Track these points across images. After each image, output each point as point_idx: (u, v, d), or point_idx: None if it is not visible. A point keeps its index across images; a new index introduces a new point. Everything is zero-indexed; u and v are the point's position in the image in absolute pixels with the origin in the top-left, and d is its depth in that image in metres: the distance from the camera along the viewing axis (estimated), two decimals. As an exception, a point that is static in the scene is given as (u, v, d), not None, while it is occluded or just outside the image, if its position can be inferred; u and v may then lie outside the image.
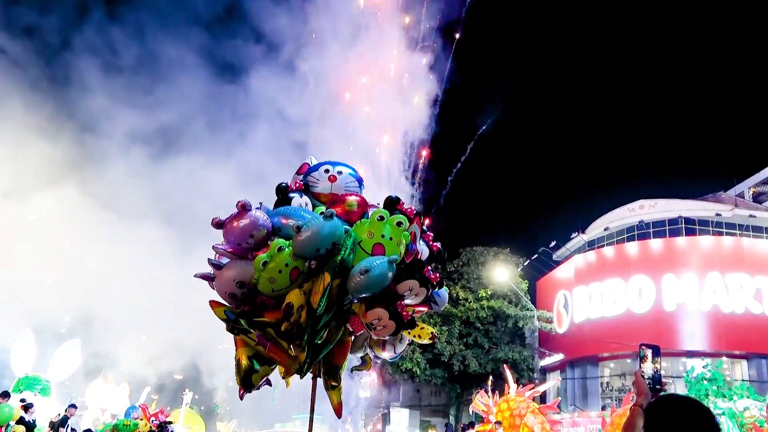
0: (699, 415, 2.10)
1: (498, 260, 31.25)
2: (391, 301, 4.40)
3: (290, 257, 4.26)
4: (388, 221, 4.46)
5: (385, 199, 4.73)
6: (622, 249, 30.23)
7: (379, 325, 4.35)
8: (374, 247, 4.39)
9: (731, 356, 27.03)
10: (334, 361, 4.83)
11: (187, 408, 21.52)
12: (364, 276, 4.19)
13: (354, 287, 4.29)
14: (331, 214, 4.33)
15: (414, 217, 4.68)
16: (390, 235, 4.42)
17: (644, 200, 31.41)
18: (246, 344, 4.66)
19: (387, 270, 4.23)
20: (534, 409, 13.33)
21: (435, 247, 5.16)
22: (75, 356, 16.17)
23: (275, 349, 4.52)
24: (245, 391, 4.80)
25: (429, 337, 5.21)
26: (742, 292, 26.71)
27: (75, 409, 14.52)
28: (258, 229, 4.41)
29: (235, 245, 4.49)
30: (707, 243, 28.29)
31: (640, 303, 27.82)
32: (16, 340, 15.23)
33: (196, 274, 4.70)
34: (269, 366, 4.72)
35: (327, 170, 4.96)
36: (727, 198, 32.40)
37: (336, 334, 4.60)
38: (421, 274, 4.58)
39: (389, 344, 5.23)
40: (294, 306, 4.23)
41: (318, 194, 4.90)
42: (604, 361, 30.35)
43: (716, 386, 16.48)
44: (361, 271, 4.22)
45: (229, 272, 4.45)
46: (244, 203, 4.41)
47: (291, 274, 4.27)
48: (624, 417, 12.31)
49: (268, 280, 4.26)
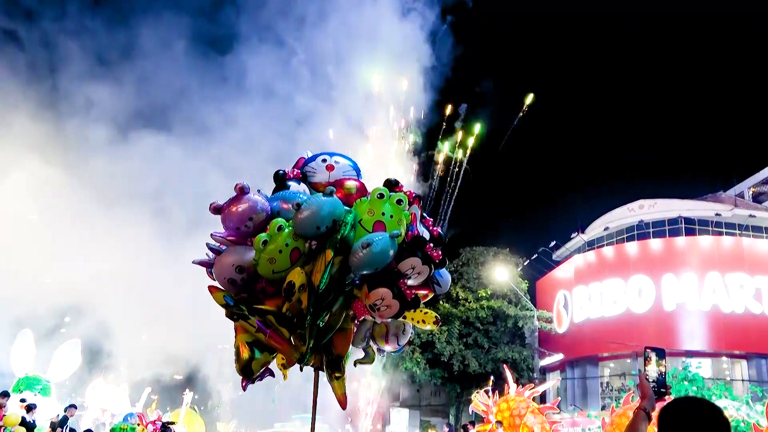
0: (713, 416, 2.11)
1: (498, 260, 31.27)
2: (393, 280, 4.33)
3: (290, 237, 4.22)
4: (388, 199, 4.43)
5: (384, 181, 4.70)
6: (621, 249, 30.26)
7: (383, 305, 4.29)
8: (375, 224, 4.35)
9: (731, 356, 27.07)
10: (336, 350, 4.75)
11: (187, 408, 21.52)
12: (365, 251, 4.15)
13: (356, 263, 4.24)
14: (331, 192, 4.31)
15: (413, 199, 4.65)
16: (390, 213, 4.39)
17: (644, 200, 31.44)
18: (246, 331, 4.58)
19: (389, 245, 4.19)
20: (534, 409, 13.34)
21: (435, 231, 5.10)
22: (75, 356, 16.16)
23: (276, 336, 4.46)
24: (245, 381, 4.71)
25: (433, 322, 5.07)
26: (741, 292, 26.73)
27: (75, 409, 14.51)
28: (257, 213, 4.37)
29: (234, 230, 4.45)
30: (707, 243, 28.31)
31: (640, 303, 27.85)
32: (16, 340, 15.22)
33: (195, 260, 4.66)
34: (269, 353, 4.64)
35: (324, 160, 4.93)
36: (726, 198, 32.43)
37: (339, 318, 4.54)
38: (422, 251, 4.50)
39: (392, 335, 5.15)
40: (296, 285, 4.18)
41: (316, 184, 4.86)
42: (604, 361, 30.38)
43: (696, 387, 16.64)
44: (362, 245, 4.18)
45: (228, 258, 4.41)
46: (242, 186, 4.37)
47: (291, 255, 4.23)
48: (624, 417, 12.33)
49: (268, 261, 4.22)
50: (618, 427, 12.37)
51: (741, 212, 29.56)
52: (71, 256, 18.08)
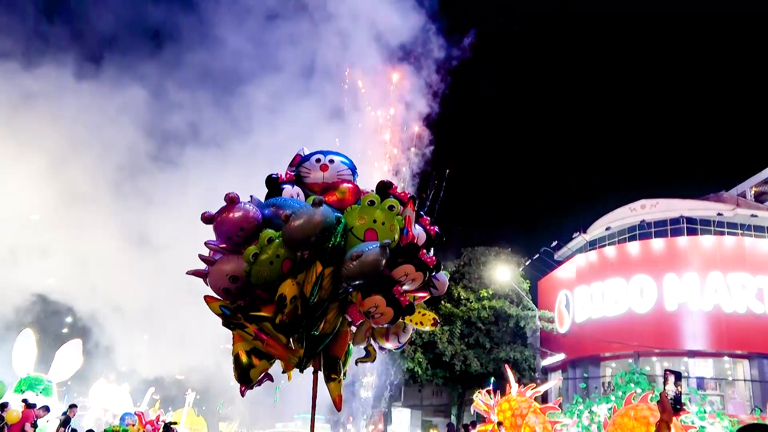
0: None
1: (499, 260, 31.26)
2: (387, 287, 4.29)
3: (281, 248, 4.19)
4: (379, 206, 4.39)
5: (377, 184, 4.65)
6: (623, 249, 30.19)
7: (377, 312, 4.26)
8: (366, 232, 4.32)
9: (733, 356, 27.00)
10: (333, 352, 4.73)
11: (189, 408, 21.55)
12: (356, 262, 4.12)
13: (347, 274, 4.21)
14: (320, 201, 4.25)
15: (408, 200, 4.60)
16: (382, 220, 4.35)
17: (646, 200, 31.36)
18: (243, 339, 4.57)
19: (379, 255, 4.14)
20: (535, 409, 13.33)
21: (432, 230, 5.06)
22: (77, 356, 16.17)
23: (273, 343, 4.45)
24: (244, 387, 4.71)
25: (431, 323, 5.06)
26: (743, 292, 26.65)
27: (76, 409, 14.52)
28: (248, 222, 4.34)
29: (225, 239, 4.43)
30: (709, 243, 28.24)
31: (642, 303, 27.79)
32: (17, 340, 15.23)
33: (189, 271, 4.64)
34: (268, 361, 4.63)
35: (318, 159, 4.87)
36: (728, 197, 32.34)
37: (334, 325, 4.52)
38: (417, 258, 4.46)
39: (392, 334, 5.12)
40: (287, 297, 4.17)
41: (311, 184, 4.82)
42: (606, 360, 30.31)
43: (640, 389, 16.85)
44: (352, 257, 4.15)
45: (222, 267, 4.40)
46: (232, 196, 4.34)
47: (283, 265, 4.21)
48: (626, 417, 12.31)
49: (259, 272, 4.19)
50: (619, 427, 12.35)
51: (743, 212, 29.47)
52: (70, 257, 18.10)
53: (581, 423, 17.51)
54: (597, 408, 17.62)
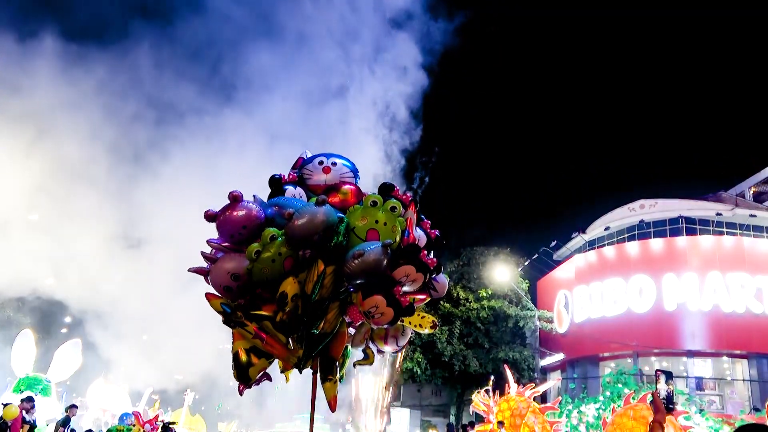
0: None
1: (498, 260, 31.26)
2: (387, 287, 4.32)
3: (284, 246, 4.21)
4: (382, 207, 4.42)
5: (379, 186, 4.68)
6: (622, 249, 30.23)
7: (377, 312, 4.28)
8: (368, 232, 4.35)
9: (732, 356, 27.04)
10: (330, 353, 4.74)
11: (189, 408, 21.53)
12: (357, 261, 4.14)
13: (349, 272, 4.23)
14: (323, 200, 4.29)
15: (409, 203, 4.63)
16: (384, 221, 4.38)
17: (644, 200, 31.41)
18: (243, 337, 4.59)
19: (381, 254, 4.17)
20: (535, 409, 13.31)
21: (433, 234, 5.09)
22: (76, 356, 16.18)
23: (273, 342, 4.47)
24: (242, 386, 4.71)
25: (430, 326, 5.08)
26: (742, 292, 26.70)
27: (76, 409, 14.52)
28: (251, 220, 4.37)
29: (228, 237, 4.45)
30: (708, 243, 28.28)
31: (641, 303, 27.83)
32: (16, 340, 15.23)
33: (190, 268, 4.64)
34: (267, 359, 4.64)
35: (321, 162, 4.90)
36: (727, 197, 32.41)
37: (334, 325, 4.54)
38: (417, 258, 4.49)
39: (391, 337, 5.14)
40: (288, 295, 4.18)
41: (313, 186, 4.85)
42: (605, 360, 30.35)
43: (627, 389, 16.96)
44: (354, 255, 4.18)
45: (224, 265, 4.41)
46: (236, 194, 4.36)
47: (285, 264, 4.23)
48: (625, 417, 12.31)
49: (261, 270, 4.21)
50: (619, 427, 12.35)
51: (742, 212, 29.53)
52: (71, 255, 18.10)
53: (570, 422, 17.55)
54: (585, 408, 17.68)
